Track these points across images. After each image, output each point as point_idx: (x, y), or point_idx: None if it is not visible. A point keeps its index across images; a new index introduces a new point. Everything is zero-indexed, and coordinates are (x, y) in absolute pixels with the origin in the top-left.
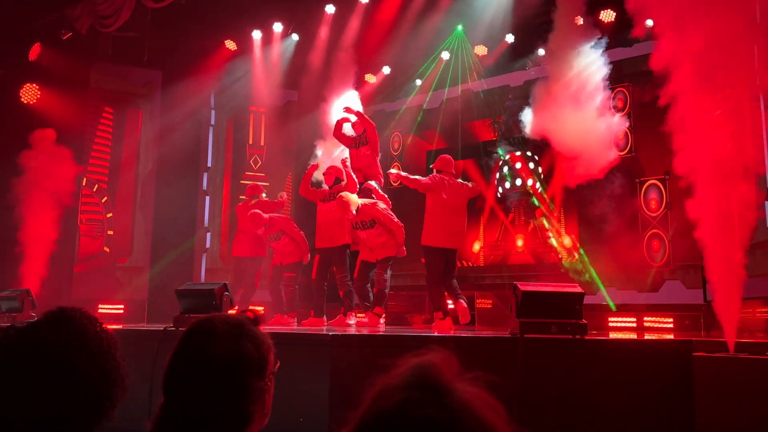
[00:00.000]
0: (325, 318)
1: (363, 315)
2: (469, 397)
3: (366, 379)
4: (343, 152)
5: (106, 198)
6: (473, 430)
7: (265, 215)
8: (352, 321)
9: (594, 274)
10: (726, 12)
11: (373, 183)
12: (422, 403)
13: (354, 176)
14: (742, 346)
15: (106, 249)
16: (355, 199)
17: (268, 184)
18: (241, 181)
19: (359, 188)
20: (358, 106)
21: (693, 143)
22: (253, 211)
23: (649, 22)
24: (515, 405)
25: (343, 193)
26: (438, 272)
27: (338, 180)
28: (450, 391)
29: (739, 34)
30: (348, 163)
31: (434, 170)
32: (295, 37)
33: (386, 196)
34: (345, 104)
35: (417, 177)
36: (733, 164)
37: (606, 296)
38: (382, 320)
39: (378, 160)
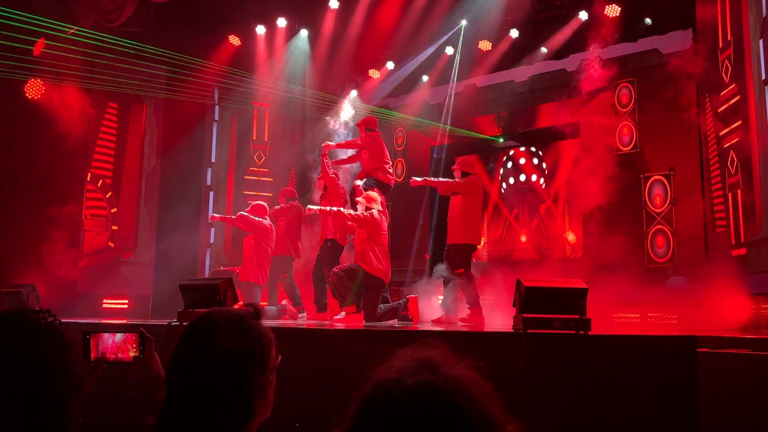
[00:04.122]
0: (326, 312)
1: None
2: (462, 372)
3: (367, 372)
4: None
5: (110, 193)
6: (469, 398)
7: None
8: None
9: None
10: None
11: (358, 182)
12: (421, 371)
13: (332, 174)
14: (746, 342)
15: (111, 244)
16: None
17: (272, 179)
18: (245, 177)
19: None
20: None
21: None
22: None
23: (648, 21)
24: (518, 400)
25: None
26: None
27: (326, 187)
28: (445, 366)
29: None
30: (328, 163)
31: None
32: (304, 32)
33: (372, 191)
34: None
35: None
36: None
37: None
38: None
39: (383, 159)
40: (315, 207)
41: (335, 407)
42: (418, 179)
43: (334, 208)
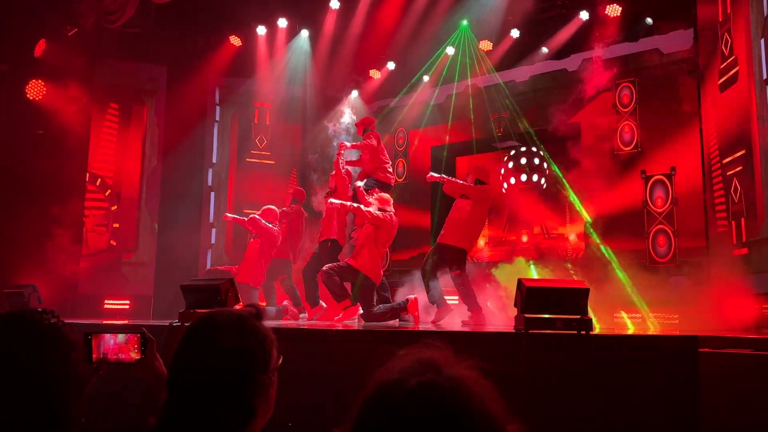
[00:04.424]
0: (322, 304)
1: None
2: (463, 372)
3: (368, 373)
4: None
5: (111, 193)
6: (471, 398)
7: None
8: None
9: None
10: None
11: (359, 183)
12: (423, 371)
13: (344, 174)
14: (748, 342)
15: (113, 242)
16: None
17: (273, 162)
18: (247, 159)
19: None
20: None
21: None
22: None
23: (649, 21)
24: (519, 400)
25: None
26: None
27: (335, 186)
28: (446, 367)
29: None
30: (342, 163)
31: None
32: (304, 33)
33: (373, 192)
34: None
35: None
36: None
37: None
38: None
39: (382, 159)
40: (337, 201)
41: (336, 408)
42: (436, 175)
43: (355, 204)
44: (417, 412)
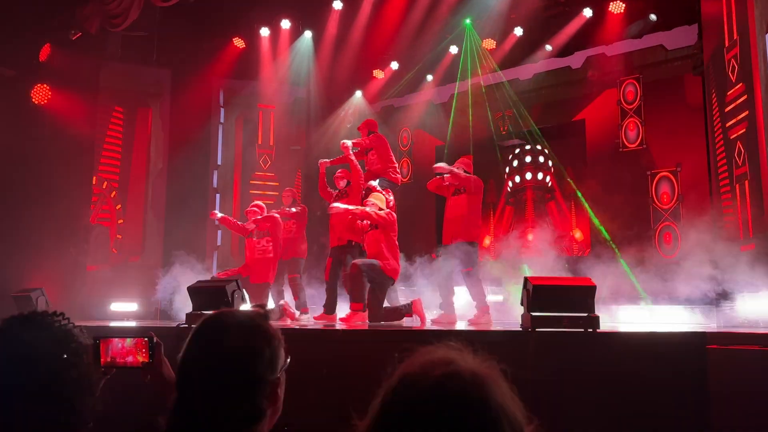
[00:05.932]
0: (336, 314)
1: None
2: (485, 370)
3: (374, 373)
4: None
5: (117, 196)
6: (494, 391)
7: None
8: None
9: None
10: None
11: (372, 182)
12: (446, 363)
13: (358, 166)
14: (756, 338)
15: (119, 244)
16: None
17: (277, 183)
18: (251, 181)
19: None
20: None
21: None
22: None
23: (653, 17)
24: (527, 399)
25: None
26: None
27: (349, 183)
28: (469, 363)
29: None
30: (351, 152)
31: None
32: (308, 34)
33: (387, 192)
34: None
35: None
36: None
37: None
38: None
39: (391, 159)
40: (341, 206)
41: (341, 408)
42: (446, 166)
43: (360, 208)
44: (440, 401)
